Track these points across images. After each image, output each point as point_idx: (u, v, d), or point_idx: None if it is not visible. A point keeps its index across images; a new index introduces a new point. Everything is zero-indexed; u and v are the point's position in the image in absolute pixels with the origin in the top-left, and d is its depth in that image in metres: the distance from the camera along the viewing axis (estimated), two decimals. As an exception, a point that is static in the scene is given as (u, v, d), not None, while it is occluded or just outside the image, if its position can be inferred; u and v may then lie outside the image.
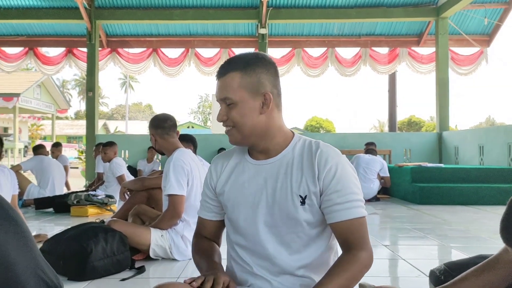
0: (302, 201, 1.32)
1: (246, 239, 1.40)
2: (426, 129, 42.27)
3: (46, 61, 10.91)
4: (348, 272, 1.26)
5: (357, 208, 1.31)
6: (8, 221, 0.88)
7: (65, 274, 2.49)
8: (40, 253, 0.95)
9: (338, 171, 1.31)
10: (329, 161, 1.32)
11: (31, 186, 6.11)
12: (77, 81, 55.80)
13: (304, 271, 1.36)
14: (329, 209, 1.31)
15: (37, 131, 35.55)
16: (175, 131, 3.05)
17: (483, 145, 7.92)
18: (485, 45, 10.55)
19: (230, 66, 1.34)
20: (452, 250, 3.42)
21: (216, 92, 1.37)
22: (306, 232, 1.35)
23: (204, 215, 1.53)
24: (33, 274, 0.87)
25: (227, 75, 1.33)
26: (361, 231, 1.31)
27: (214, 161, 1.52)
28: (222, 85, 1.34)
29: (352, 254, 1.29)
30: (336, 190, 1.30)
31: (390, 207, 6.08)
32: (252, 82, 1.32)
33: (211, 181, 1.49)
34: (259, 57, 1.36)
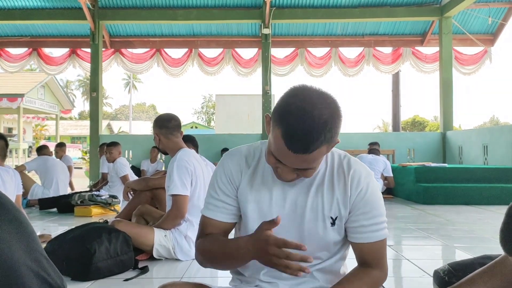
0: (332, 223, 1.29)
1: None
2: (430, 128, 42.17)
3: (50, 61, 10.95)
4: (359, 286, 1.26)
5: (381, 231, 1.30)
6: (12, 222, 0.87)
7: (68, 274, 2.50)
8: (45, 253, 0.94)
9: (369, 192, 1.28)
10: (361, 181, 1.28)
11: (35, 186, 6.13)
12: (80, 82, 55.98)
13: (316, 274, 1.36)
14: (354, 229, 1.30)
15: (41, 131, 35.68)
16: (179, 131, 3.04)
17: (487, 144, 7.89)
18: (489, 45, 10.52)
19: (316, 143, 1.09)
20: (456, 250, 3.41)
21: (291, 162, 1.14)
22: (330, 249, 1.35)
23: (218, 217, 1.35)
24: (37, 275, 0.87)
25: (313, 152, 1.11)
26: (381, 252, 1.32)
27: (231, 158, 1.36)
28: (305, 160, 1.12)
29: (367, 271, 1.30)
30: (364, 212, 1.28)
31: (394, 207, 6.07)
32: (334, 142, 1.16)
33: (231, 179, 1.34)
34: (334, 110, 1.12)
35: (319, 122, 1.08)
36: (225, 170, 1.34)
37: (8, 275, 0.81)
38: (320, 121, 1.08)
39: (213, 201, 1.35)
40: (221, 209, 1.34)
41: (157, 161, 9.33)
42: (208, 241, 1.32)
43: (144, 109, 62.92)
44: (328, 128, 1.09)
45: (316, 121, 1.08)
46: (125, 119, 52.79)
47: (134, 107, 56.86)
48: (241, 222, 1.39)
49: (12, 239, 0.84)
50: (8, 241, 0.83)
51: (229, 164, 1.34)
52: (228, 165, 1.35)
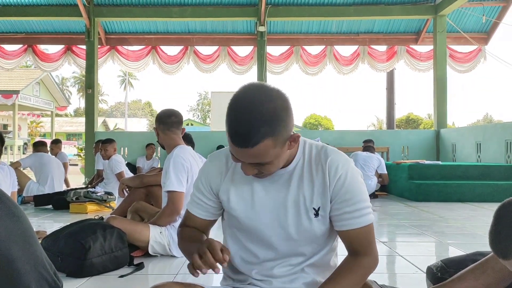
0: (316, 213, 1.30)
1: (256, 245, 1.37)
2: (424, 126, 42.32)
3: (45, 58, 10.90)
4: (350, 278, 1.28)
5: (365, 216, 1.30)
6: (10, 218, 0.89)
7: (63, 270, 2.51)
8: (42, 249, 0.96)
9: (348, 179, 1.28)
10: (339, 169, 1.28)
11: (30, 183, 6.12)
12: (76, 79, 55.69)
13: (307, 268, 1.37)
14: (338, 217, 1.30)
15: (37, 128, 35.52)
16: (179, 128, 3.03)
17: (480, 142, 7.95)
18: (483, 43, 10.57)
19: (257, 136, 1.11)
20: (449, 246, 3.44)
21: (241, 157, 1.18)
22: (318, 241, 1.36)
23: (196, 212, 1.42)
24: (34, 270, 0.88)
25: (256, 146, 1.12)
26: (368, 237, 1.32)
27: (212, 161, 1.41)
28: (252, 155, 1.15)
29: (357, 259, 1.31)
30: (346, 199, 1.28)
31: (388, 204, 6.11)
32: (284, 137, 1.17)
33: (210, 182, 1.38)
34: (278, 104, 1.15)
35: (258, 116, 1.11)
36: (205, 174, 1.40)
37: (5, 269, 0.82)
38: (259, 115, 1.11)
39: (194, 197, 1.43)
40: (200, 206, 1.41)
41: (152, 158, 9.33)
42: (184, 232, 1.43)
43: (140, 106, 62.69)
44: (268, 122, 1.11)
45: (254, 115, 1.11)
46: (121, 116, 52.60)
47: (129, 104, 56.63)
48: (229, 219, 1.41)
49: (10, 235, 0.85)
50: (6, 236, 0.84)
51: (209, 168, 1.40)
52: (208, 169, 1.40)
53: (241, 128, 1.12)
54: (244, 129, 1.12)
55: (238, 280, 1.41)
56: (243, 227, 1.36)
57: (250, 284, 1.38)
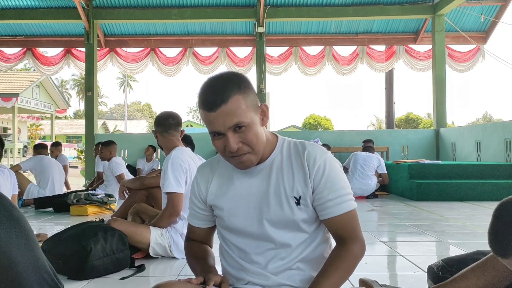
0: (297, 202, 1.35)
1: (244, 242, 1.42)
2: (424, 126, 42.34)
3: (45, 61, 10.91)
4: (341, 267, 1.32)
5: (347, 202, 1.35)
6: (10, 221, 0.89)
7: (65, 273, 2.50)
8: (42, 252, 0.96)
9: (327, 168, 1.34)
10: (317, 159, 1.35)
11: (30, 186, 6.12)
12: (75, 81, 55.71)
13: (300, 264, 1.39)
14: (321, 206, 1.35)
15: (36, 131, 35.50)
16: (178, 130, 3.03)
17: (480, 141, 7.95)
18: (481, 42, 10.58)
19: (227, 92, 1.23)
20: (450, 246, 3.45)
21: (220, 123, 1.25)
22: (302, 230, 1.38)
23: (194, 223, 1.54)
24: (35, 273, 0.88)
25: (229, 101, 1.23)
26: (352, 223, 1.37)
27: (199, 172, 1.50)
28: (227, 113, 1.23)
29: (344, 248, 1.35)
30: (327, 187, 1.34)
31: (388, 204, 6.11)
32: (252, 99, 1.28)
33: (199, 193, 1.48)
34: (237, 74, 1.32)
35: (225, 79, 1.27)
36: (195, 185, 1.50)
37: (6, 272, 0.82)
38: (225, 79, 1.27)
39: (190, 209, 1.54)
40: (197, 216, 1.52)
41: (152, 160, 9.33)
42: (189, 250, 1.55)
43: (139, 108, 62.70)
44: (235, 81, 1.26)
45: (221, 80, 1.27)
46: (121, 118, 52.59)
47: (129, 106, 56.64)
48: (222, 222, 1.47)
49: (11, 239, 0.85)
50: (6, 240, 0.84)
51: (198, 178, 1.49)
52: (197, 179, 1.50)
53: (211, 91, 1.25)
54: (214, 90, 1.25)
55: (237, 279, 1.44)
56: (231, 226, 1.42)
57: (249, 284, 1.41)
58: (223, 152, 1.30)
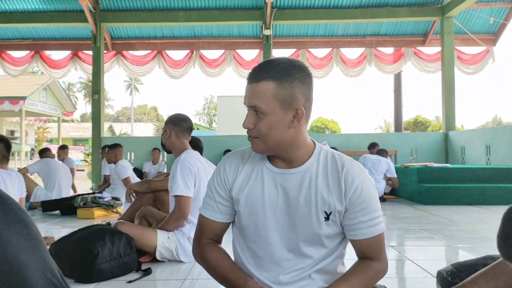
0: (326, 217, 1.32)
1: (258, 246, 1.39)
2: (432, 129, 42.13)
3: (52, 64, 10.98)
4: (362, 279, 1.32)
5: (379, 225, 1.35)
6: (18, 224, 0.88)
7: (72, 276, 2.50)
8: (49, 255, 0.95)
9: (364, 190, 1.32)
10: (355, 179, 1.32)
11: (37, 189, 6.14)
12: (82, 84, 56.08)
13: (314, 275, 1.37)
14: (352, 226, 1.34)
15: (44, 134, 35.72)
16: (190, 134, 3.06)
17: (489, 144, 7.88)
18: (491, 44, 10.51)
19: (265, 73, 1.26)
20: (459, 250, 3.40)
21: (246, 96, 1.30)
22: (324, 245, 1.36)
23: (212, 216, 1.45)
24: (43, 276, 0.87)
25: (261, 82, 1.26)
26: (380, 245, 1.37)
27: (228, 161, 1.45)
28: (254, 92, 1.27)
29: (368, 262, 1.36)
30: (361, 209, 1.32)
31: (397, 208, 6.06)
32: (286, 95, 1.26)
33: (225, 181, 1.42)
34: (296, 66, 1.29)
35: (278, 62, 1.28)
36: (220, 171, 1.44)
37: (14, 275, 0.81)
38: (279, 62, 1.28)
39: (209, 200, 1.46)
40: (216, 208, 1.44)
41: (159, 163, 9.34)
42: (214, 256, 1.43)
43: (146, 111, 62.96)
44: (279, 70, 1.26)
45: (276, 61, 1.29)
46: (127, 121, 52.87)
47: (135, 109, 56.92)
48: (238, 217, 1.43)
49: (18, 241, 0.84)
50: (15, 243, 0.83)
51: (225, 165, 1.44)
52: (224, 166, 1.44)
53: (259, 67, 1.29)
54: (261, 67, 1.29)
55: None
56: (250, 226, 1.38)
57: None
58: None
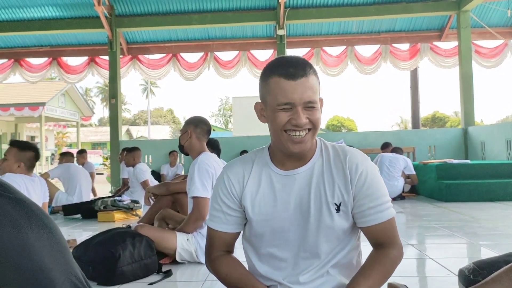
0: (337, 209, 1.33)
1: (278, 249, 1.38)
2: (451, 124, 41.51)
3: (70, 70, 11.16)
4: (380, 270, 1.31)
5: (388, 210, 1.34)
6: (43, 228, 0.90)
7: (94, 279, 2.54)
8: (73, 258, 0.97)
9: (369, 175, 1.33)
10: (359, 166, 1.33)
11: (59, 193, 6.24)
12: (100, 88, 56.79)
13: (331, 270, 1.37)
14: (361, 213, 1.34)
15: (63, 138, 36.30)
16: (208, 137, 3.11)
17: (510, 139, 7.73)
18: (509, 37, 10.32)
19: (308, 68, 1.27)
20: (481, 248, 3.35)
21: (298, 92, 1.24)
22: (338, 237, 1.37)
23: (222, 228, 1.42)
24: (67, 279, 0.89)
25: (310, 76, 1.26)
26: (392, 231, 1.36)
27: (231, 170, 1.42)
28: (308, 86, 1.25)
29: (383, 252, 1.34)
30: (368, 195, 1.32)
31: (417, 205, 6.00)
32: (319, 88, 1.31)
33: (232, 191, 1.39)
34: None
35: (302, 58, 1.31)
36: (225, 182, 1.41)
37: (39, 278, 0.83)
38: (302, 58, 1.31)
39: (216, 213, 1.43)
40: (224, 220, 1.42)
41: (176, 165, 9.41)
42: (226, 269, 1.42)
43: (162, 114, 63.45)
44: (311, 65, 1.29)
45: (298, 58, 1.30)
46: (144, 124, 53.36)
47: (152, 112, 57.40)
48: (247, 225, 1.43)
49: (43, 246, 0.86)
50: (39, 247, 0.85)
51: (230, 175, 1.41)
52: (228, 176, 1.41)
53: (292, 62, 1.26)
54: (294, 63, 1.26)
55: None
56: (266, 231, 1.37)
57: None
58: (283, 126, 1.28)
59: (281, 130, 1.28)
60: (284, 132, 1.28)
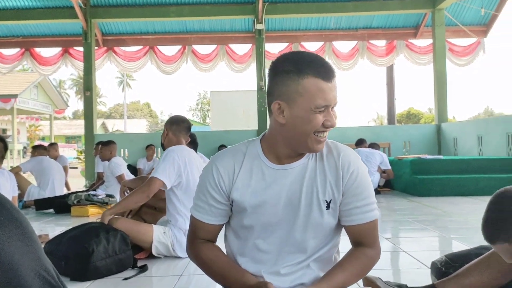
0: (327, 206, 1.33)
1: (265, 241, 1.37)
2: (425, 121, 42.29)
3: (43, 61, 10.88)
4: (357, 265, 1.34)
5: (373, 211, 1.36)
6: (12, 223, 0.87)
7: (67, 274, 2.49)
8: (44, 254, 0.94)
9: (360, 175, 1.33)
10: (352, 165, 1.33)
11: (31, 187, 6.10)
12: (74, 81, 55.62)
13: (312, 263, 1.38)
14: (348, 212, 1.34)
15: (36, 131, 35.46)
16: (187, 134, 3.19)
17: (482, 135, 7.93)
18: (482, 36, 10.55)
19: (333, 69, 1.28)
20: (453, 241, 3.43)
21: (334, 94, 1.24)
22: (325, 234, 1.37)
23: (207, 219, 1.39)
24: (38, 275, 0.86)
25: (335, 78, 1.25)
26: (374, 232, 1.38)
27: (221, 162, 1.37)
28: (334, 88, 1.24)
29: (362, 249, 1.36)
30: (356, 194, 1.33)
31: (391, 200, 6.10)
32: None
33: (221, 184, 1.35)
34: None
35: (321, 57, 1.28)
36: (214, 174, 1.36)
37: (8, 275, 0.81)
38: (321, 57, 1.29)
39: (201, 203, 1.39)
40: (209, 212, 1.39)
41: (153, 159, 9.31)
42: (210, 255, 1.40)
43: (139, 107, 62.63)
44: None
45: (318, 55, 1.28)
46: (120, 118, 52.60)
47: (128, 105, 56.57)
48: (233, 216, 1.41)
49: (12, 240, 0.84)
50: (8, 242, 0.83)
51: (219, 167, 1.36)
52: (216, 168, 1.36)
53: (324, 62, 1.24)
54: (325, 62, 1.25)
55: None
56: (255, 224, 1.36)
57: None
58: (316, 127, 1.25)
59: (312, 132, 1.25)
60: (313, 134, 1.25)
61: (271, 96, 1.28)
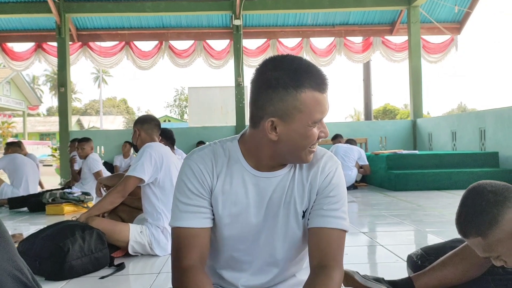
0: (303, 216, 1.25)
1: (242, 253, 1.29)
2: (401, 116, 42.95)
3: (15, 56, 10.61)
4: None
5: (342, 220, 1.22)
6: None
7: (42, 274, 2.44)
8: (18, 253, 0.92)
9: (334, 178, 1.25)
10: (327, 167, 1.25)
11: (4, 186, 5.95)
12: (48, 77, 54.39)
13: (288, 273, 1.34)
14: (316, 212, 1.23)
15: (8, 129, 34.59)
16: (158, 131, 3.18)
17: (455, 131, 8.11)
18: (456, 33, 10.76)
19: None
20: (428, 234, 3.50)
21: (326, 106, 1.16)
22: (297, 246, 1.30)
23: (197, 223, 1.21)
24: (11, 275, 0.85)
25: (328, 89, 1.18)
26: (339, 245, 1.22)
27: (201, 160, 1.24)
28: (327, 97, 1.17)
29: (327, 274, 1.16)
30: (329, 196, 1.23)
31: (368, 195, 6.18)
32: None
33: (204, 181, 1.22)
34: None
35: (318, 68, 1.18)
36: (194, 171, 1.22)
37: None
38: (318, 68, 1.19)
39: (185, 207, 1.22)
40: (197, 214, 1.22)
41: (130, 156, 9.19)
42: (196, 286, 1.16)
43: (115, 104, 61.68)
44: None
45: (310, 62, 1.17)
46: (96, 114, 51.76)
47: (104, 101, 55.68)
48: (215, 228, 1.27)
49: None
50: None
51: (199, 165, 1.23)
52: (197, 165, 1.23)
53: (319, 70, 1.15)
54: (319, 69, 1.16)
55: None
56: (233, 234, 1.26)
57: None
58: (313, 142, 1.17)
59: (308, 146, 1.17)
60: (309, 148, 1.19)
61: (261, 111, 1.14)
